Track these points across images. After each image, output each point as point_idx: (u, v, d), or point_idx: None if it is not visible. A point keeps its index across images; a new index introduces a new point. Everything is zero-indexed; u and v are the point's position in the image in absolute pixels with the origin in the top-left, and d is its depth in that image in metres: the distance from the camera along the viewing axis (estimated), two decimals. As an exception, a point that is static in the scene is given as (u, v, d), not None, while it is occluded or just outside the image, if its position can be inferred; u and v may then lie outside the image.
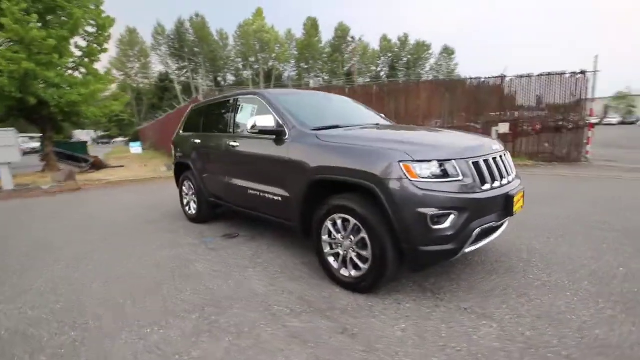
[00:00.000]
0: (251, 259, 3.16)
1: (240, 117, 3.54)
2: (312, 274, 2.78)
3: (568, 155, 10.34)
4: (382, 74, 62.08)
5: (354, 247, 2.39)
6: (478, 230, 2.15)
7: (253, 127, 2.92)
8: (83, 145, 15.81)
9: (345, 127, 2.98)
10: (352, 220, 2.33)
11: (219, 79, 48.27)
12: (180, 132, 4.79)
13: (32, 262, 3.29)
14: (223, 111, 3.91)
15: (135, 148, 20.98)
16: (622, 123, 42.26)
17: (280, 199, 2.94)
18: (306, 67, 57.45)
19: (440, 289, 2.44)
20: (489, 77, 11.32)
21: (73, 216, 5.23)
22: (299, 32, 55.09)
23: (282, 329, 2.01)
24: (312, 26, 54.08)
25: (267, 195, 3.08)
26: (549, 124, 10.75)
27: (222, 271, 2.91)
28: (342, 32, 57.83)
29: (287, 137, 2.87)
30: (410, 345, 1.81)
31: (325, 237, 2.58)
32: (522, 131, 10.85)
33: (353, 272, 2.42)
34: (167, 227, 4.37)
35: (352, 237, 2.39)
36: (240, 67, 52.01)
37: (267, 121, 2.88)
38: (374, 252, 2.22)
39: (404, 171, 2.08)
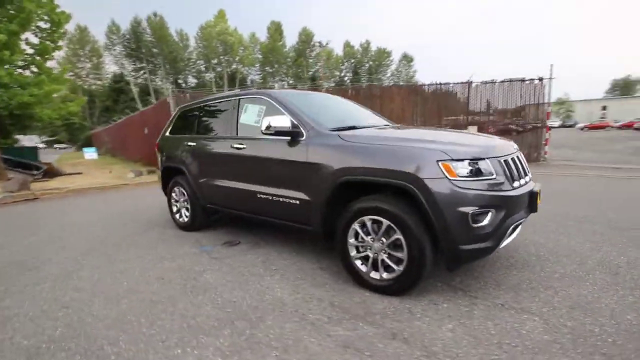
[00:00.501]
0: (264, 266, 3.00)
1: (245, 118, 3.37)
2: (335, 278, 2.69)
3: (528, 155, 11.13)
4: (346, 79, 63.37)
5: (385, 248, 2.33)
6: (512, 227, 2.20)
7: (268, 128, 2.78)
8: (33, 150, 14.31)
9: (362, 127, 2.94)
10: (385, 222, 2.28)
11: (180, 81, 46.28)
12: (167, 134, 4.47)
13: (7, 284, 2.85)
14: (222, 112, 3.70)
15: (90, 154, 19.38)
16: (562, 126, 46.56)
17: (297, 202, 2.81)
18: (271, 71, 57.05)
19: (469, 286, 2.46)
20: (457, 83, 11.93)
21: (40, 230, 4.65)
22: (263, 36, 54.63)
23: (329, 339, 1.90)
24: (276, 30, 53.89)
25: (281, 199, 2.94)
26: (509, 127, 11.58)
27: (237, 281, 2.72)
28: (306, 37, 58.29)
29: (303, 138, 2.76)
30: (466, 345, 1.79)
31: (351, 240, 2.50)
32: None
33: (385, 275, 2.37)
34: (157, 236, 4.03)
35: (383, 238, 2.34)
36: (203, 69, 50.33)
37: (283, 122, 2.75)
38: (412, 253, 2.18)
39: (444, 170, 2.08)
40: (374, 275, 2.42)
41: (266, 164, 3.05)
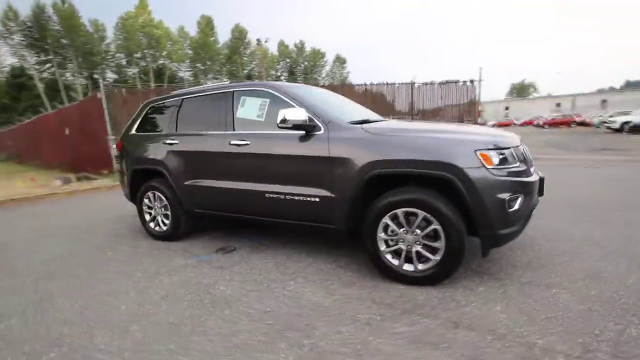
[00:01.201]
0: (279, 270, 2.80)
1: (243, 113, 3.09)
2: (360, 276, 2.63)
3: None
4: (282, 78, 62.97)
5: (420, 240, 2.35)
6: (532, 210, 2.39)
7: (284, 121, 2.59)
8: None
9: (374, 121, 2.92)
10: (421, 213, 2.29)
11: (96, 76, 40.93)
12: (133, 132, 3.90)
13: (-51, 326, 2.19)
14: (210, 106, 3.34)
15: (-12, 160, 16.17)
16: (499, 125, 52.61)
17: (317, 200, 2.68)
18: (203, 68, 53.93)
19: (489, 269, 2.60)
20: (402, 83, 12.68)
21: (-40, 255, 3.69)
22: (192, 30, 51.30)
23: (395, 337, 1.84)
24: (207, 25, 51.06)
25: (296, 198, 2.77)
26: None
27: (258, 289, 2.49)
28: (239, 34, 56.42)
29: (321, 131, 2.64)
30: (524, 323, 1.88)
31: (381, 234, 2.47)
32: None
33: (420, 266, 2.38)
34: (133, 250, 3.50)
35: (417, 230, 2.35)
36: (124, 63, 45.35)
37: (299, 115, 2.59)
38: (451, 242, 2.23)
39: (482, 160, 2.16)
40: (407, 267, 2.42)
41: (276, 160, 2.85)
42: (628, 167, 7.87)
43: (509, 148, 2.29)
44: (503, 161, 2.24)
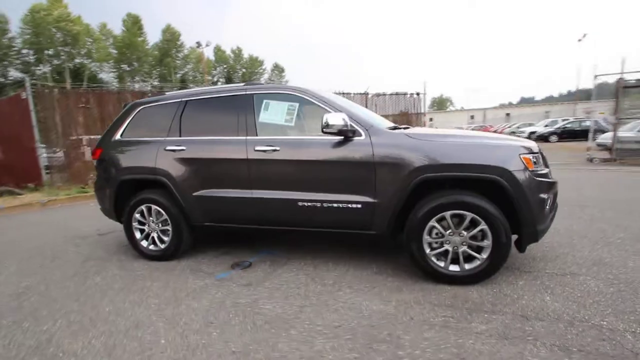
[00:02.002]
0: (318, 282, 2.67)
1: (268, 117, 2.91)
2: (401, 280, 2.64)
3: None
4: (219, 84, 60.76)
5: (467, 240, 2.46)
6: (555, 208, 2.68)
7: (327, 126, 2.51)
8: None
9: (402, 127, 2.99)
10: (468, 214, 2.40)
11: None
12: (118, 137, 3.39)
13: None
14: (222, 109, 3.08)
15: None
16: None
17: (359, 206, 2.63)
18: (129, 69, 49.30)
19: (514, 264, 2.81)
20: (356, 93, 13.18)
21: None
22: (117, 29, 46.67)
23: (482, 336, 1.88)
24: (134, 24, 46.99)
25: (335, 205, 2.68)
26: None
27: (311, 304, 2.34)
28: (171, 35, 53.09)
29: (362, 137, 2.62)
30: (578, 309, 2.07)
31: (427, 237, 2.52)
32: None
33: (467, 266, 2.48)
34: (128, 274, 3.01)
35: (464, 231, 2.45)
36: (32, 60, 39.18)
37: (340, 120, 2.54)
38: (499, 241, 2.37)
39: (525, 163, 2.36)
40: (453, 268, 2.51)
41: (312, 167, 2.73)
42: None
43: (537, 153, 2.55)
44: (536, 164, 2.47)
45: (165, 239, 3.25)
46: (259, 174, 2.87)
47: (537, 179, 2.38)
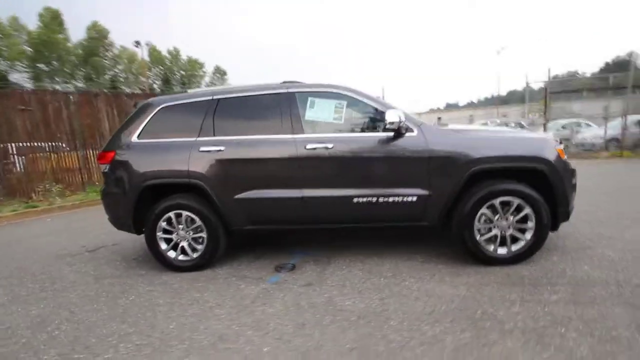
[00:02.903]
0: (380, 275, 2.71)
1: (314, 115, 2.88)
2: (452, 266, 2.81)
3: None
4: (155, 86, 56.56)
5: (514, 224, 2.71)
6: None
7: (392, 123, 2.59)
8: None
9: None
10: (515, 200, 2.66)
11: None
12: (135, 139, 3.05)
13: None
14: (265, 108, 2.97)
15: None
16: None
17: (414, 198, 2.74)
18: (47, 69, 43.43)
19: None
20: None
21: None
22: (32, 24, 40.78)
23: (561, 304, 2.10)
24: (53, 19, 41.58)
25: (391, 199, 2.76)
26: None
27: (389, 296, 2.38)
28: (97, 33, 48.12)
29: (414, 133, 2.74)
30: (616, 271, 2.45)
31: (477, 224, 2.73)
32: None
33: (513, 247, 2.74)
34: (167, 288, 2.74)
35: (510, 216, 2.71)
36: None
37: (397, 117, 2.63)
38: (542, 222, 2.66)
39: (559, 153, 2.69)
40: (501, 250, 2.75)
41: (368, 163, 2.78)
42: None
43: (561, 144, 2.92)
44: (565, 154, 2.84)
45: (199, 247, 3.01)
46: (311, 172, 2.82)
47: (567, 167, 2.74)
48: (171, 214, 2.96)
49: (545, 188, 2.68)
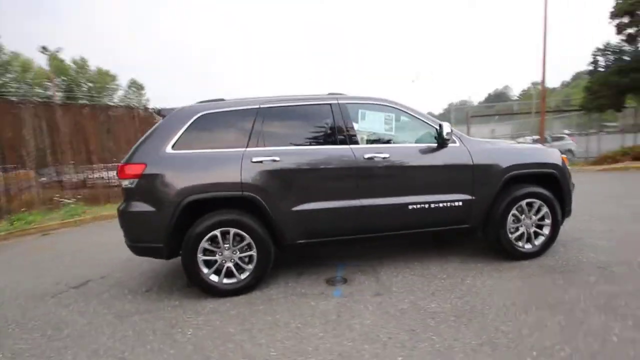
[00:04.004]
0: (437, 278, 2.84)
1: (366, 126, 2.97)
2: (486, 263, 3.10)
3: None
4: (56, 98, 48.94)
5: (536, 222, 3.15)
6: None
7: (448, 134, 2.84)
8: None
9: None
10: (537, 202, 3.11)
11: None
12: (169, 150, 2.70)
13: None
14: (312, 118, 2.95)
15: None
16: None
17: (460, 203, 2.99)
18: None
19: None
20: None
21: None
22: None
23: (602, 283, 2.52)
24: None
25: (441, 205, 2.96)
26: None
27: (466, 294, 2.52)
28: (-24, 34, 40.11)
29: (457, 144, 3.03)
30: (615, 255, 3.01)
31: (509, 224, 3.09)
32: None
33: (537, 242, 3.15)
34: (224, 316, 2.43)
35: (533, 215, 3.14)
36: None
37: (449, 128, 2.90)
38: (556, 219, 3.15)
39: (563, 161, 3.25)
40: (528, 246, 3.15)
41: (421, 171, 2.96)
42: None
43: (563, 153, 3.52)
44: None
45: (248, 267, 2.75)
46: (369, 181, 2.86)
47: (569, 171, 3.32)
48: (216, 232, 2.67)
49: (555, 190, 3.19)
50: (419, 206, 2.93)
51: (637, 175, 8.89)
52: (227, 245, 2.71)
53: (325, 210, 2.81)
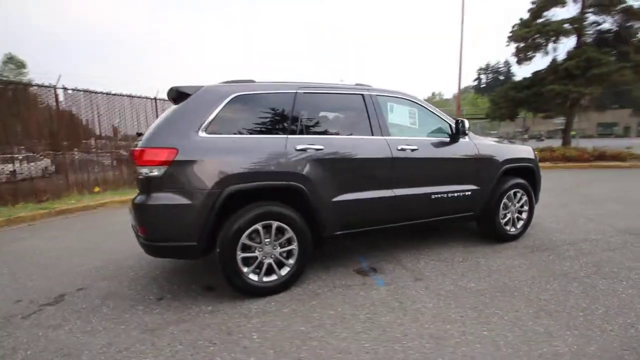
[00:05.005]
0: (459, 263, 3.10)
1: (395, 118, 3.05)
2: (488, 245, 3.52)
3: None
4: None
5: (519, 208, 3.69)
6: None
7: (468, 128, 3.12)
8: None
9: None
10: (521, 191, 3.65)
11: None
12: (203, 133, 2.35)
13: None
14: (346, 107, 2.92)
15: None
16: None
17: (470, 193, 3.32)
18: None
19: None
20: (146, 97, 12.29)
21: None
22: None
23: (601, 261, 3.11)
24: None
25: (456, 194, 3.24)
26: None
27: (513, 272, 2.82)
28: None
29: (466, 138, 3.35)
30: (573, 234, 3.74)
31: (501, 211, 3.56)
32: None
33: (518, 225, 3.70)
34: (283, 314, 2.24)
35: (517, 203, 3.68)
36: None
37: (468, 124, 3.20)
38: (532, 205, 3.74)
39: (536, 155, 3.88)
40: (513, 230, 3.67)
41: (442, 163, 3.19)
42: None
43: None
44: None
45: (289, 261, 2.59)
46: (400, 172, 2.96)
47: (539, 164, 3.97)
48: (258, 226, 2.44)
49: (530, 180, 3.79)
50: (440, 196, 3.16)
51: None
52: (268, 240, 2.50)
53: (363, 200, 2.82)
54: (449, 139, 3.26)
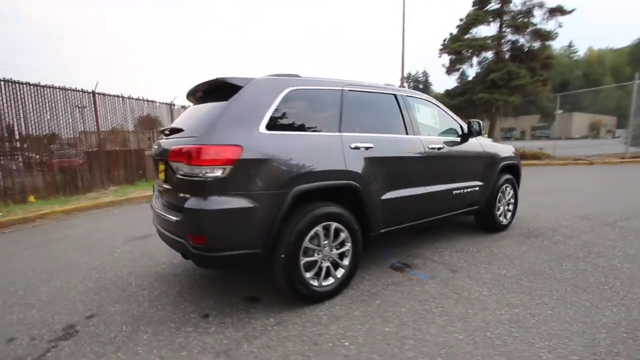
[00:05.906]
0: (476, 254, 3.33)
1: (422, 119, 3.17)
2: (491, 238, 3.90)
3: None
4: None
5: (509, 200, 4.14)
6: None
7: (483, 128, 3.38)
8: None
9: None
10: (509, 186, 4.11)
11: None
12: (262, 130, 2.15)
13: None
14: (382, 106, 2.93)
15: None
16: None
17: (477, 188, 3.63)
18: None
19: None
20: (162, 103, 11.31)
21: None
22: None
23: (593, 243, 3.62)
24: None
25: (469, 190, 3.51)
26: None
27: (545, 262, 3.11)
28: None
29: (473, 137, 3.65)
30: (554, 222, 4.34)
31: (497, 204, 3.96)
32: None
33: (507, 216, 4.16)
34: (359, 319, 2.16)
35: (507, 196, 4.13)
36: None
37: (481, 125, 3.49)
38: (516, 199, 4.24)
39: (515, 152, 4.39)
40: (504, 221, 4.11)
41: (461, 161, 3.44)
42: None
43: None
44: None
45: (344, 262, 2.51)
46: (432, 170, 3.09)
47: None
48: (319, 228, 2.32)
49: (515, 176, 4.29)
50: (459, 191, 3.39)
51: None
52: (327, 242, 2.40)
53: (404, 198, 2.88)
54: (459, 138, 3.51)
